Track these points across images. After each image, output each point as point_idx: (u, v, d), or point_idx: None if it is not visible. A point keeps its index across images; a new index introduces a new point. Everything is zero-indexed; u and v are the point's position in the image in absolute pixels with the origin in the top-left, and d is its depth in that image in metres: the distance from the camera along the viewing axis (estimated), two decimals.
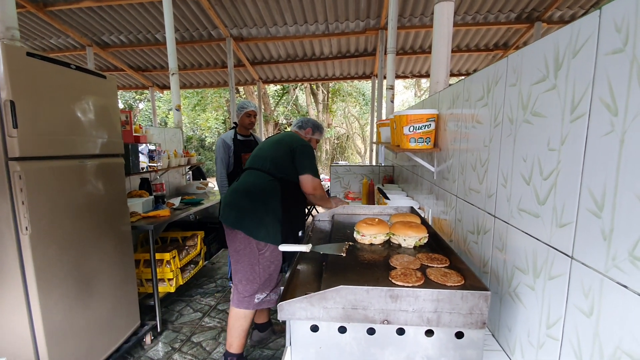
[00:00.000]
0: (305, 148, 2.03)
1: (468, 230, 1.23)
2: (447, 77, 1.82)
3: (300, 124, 2.37)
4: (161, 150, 3.34)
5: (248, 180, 2.01)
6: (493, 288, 1.01)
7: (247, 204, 1.92)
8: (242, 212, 1.92)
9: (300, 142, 2.05)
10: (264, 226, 1.89)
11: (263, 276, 1.95)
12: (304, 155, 1.99)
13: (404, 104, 15.90)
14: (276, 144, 2.08)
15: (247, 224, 1.90)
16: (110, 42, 6.15)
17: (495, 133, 1.00)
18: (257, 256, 1.92)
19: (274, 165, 2.00)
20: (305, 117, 2.41)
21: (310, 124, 2.36)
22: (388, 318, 0.81)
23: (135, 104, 15.83)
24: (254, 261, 1.92)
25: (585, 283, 0.62)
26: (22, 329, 1.62)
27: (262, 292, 1.98)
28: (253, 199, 1.92)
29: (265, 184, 1.97)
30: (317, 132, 2.37)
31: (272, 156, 2.03)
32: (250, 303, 1.98)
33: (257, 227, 1.89)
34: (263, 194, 1.94)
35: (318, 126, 2.39)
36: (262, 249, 1.92)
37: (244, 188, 1.99)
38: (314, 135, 2.37)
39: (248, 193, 1.96)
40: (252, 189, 1.97)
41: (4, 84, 1.47)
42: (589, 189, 0.61)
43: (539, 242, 0.77)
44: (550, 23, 5.26)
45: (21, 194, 1.54)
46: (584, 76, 0.63)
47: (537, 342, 0.77)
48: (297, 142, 2.04)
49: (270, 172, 1.99)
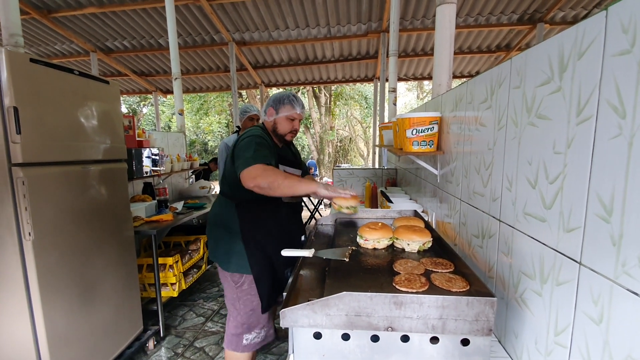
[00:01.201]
0: (241, 142, 1.56)
1: (472, 234, 1.21)
2: (449, 80, 1.81)
3: (263, 109, 1.79)
4: (164, 155, 3.35)
5: (212, 207, 1.81)
6: (499, 293, 0.99)
7: (215, 232, 1.73)
8: (213, 240, 1.75)
9: (240, 139, 1.61)
10: (234, 255, 1.65)
11: (245, 313, 1.68)
12: (238, 150, 1.54)
13: (407, 106, 15.89)
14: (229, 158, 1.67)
15: (220, 256, 1.69)
16: (114, 47, 6.21)
17: (499, 136, 0.99)
18: (235, 290, 1.67)
19: (227, 184, 1.71)
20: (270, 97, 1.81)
21: (270, 101, 1.73)
22: (392, 325, 0.80)
23: (139, 108, 15.94)
24: (233, 296, 1.68)
25: (594, 289, 0.61)
26: (24, 335, 1.62)
27: (249, 332, 1.70)
28: (218, 227, 1.71)
29: (222, 208, 1.72)
30: (280, 107, 1.70)
31: (225, 172, 1.73)
32: (239, 345, 1.70)
33: (227, 257, 1.66)
34: (223, 220, 1.70)
35: (280, 98, 1.70)
36: (238, 281, 1.66)
37: (210, 215, 1.80)
38: (279, 112, 1.70)
39: (211, 221, 1.77)
40: (212, 216, 1.77)
41: (7, 90, 1.48)
42: (597, 193, 0.60)
43: (545, 247, 0.75)
44: (552, 24, 5.25)
45: (24, 199, 1.54)
46: (590, 78, 0.62)
47: (545, 350, 0.76)
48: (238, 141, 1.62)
49: (225, 193, 1.73)
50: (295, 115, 1.71)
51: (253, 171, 1.40)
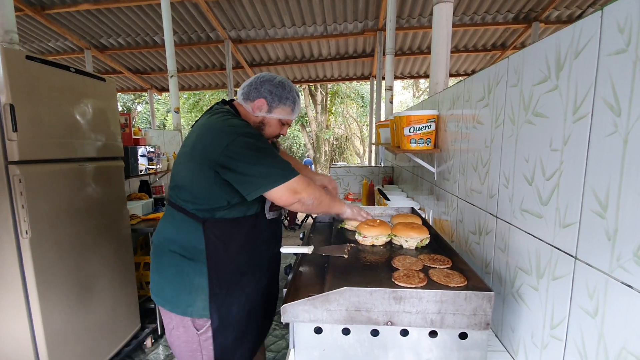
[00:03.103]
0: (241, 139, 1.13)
1: (470, 230, 1.23)
2: (446, 78, 1.83)
3: (246, 90, 1.31)
4: (160, 153, 3.33)
5: (161, 228, 1.32)
6: (496, 289, 1.01)
7: (169, 261, 1.25)
8: (163, 274, 1.27)
9: (225, 133, 1.14)
10: (198, 294, 1.22)
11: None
12: (244, 156, 1.12)
13: (402, 104, 15.93)
14: (190, 153, 1.20)
15: (174, 295, 1.24)
16: (108, 44, 6.15)
17: (496, 134, 1.00)
18: (197, 338, 1.25)
19: (191, 196, 1.21)
20: (260, 75, 1.32)
21: (265, 90, 1.28)
22: (392, 319, 0.81)
23: (134, 106, 15.82)
24: (193, 346, 1.26)
25: (589, 283, 0.62)
26: (22, 333, 1.62)
27: None
28: (172, 256, 1.24)
29: (180, 231, 1.24)
30: (279, 106, 1.30)
31: (184, 177, 1.22)
32: None
33: (188, 297, 1.22)
34: (182, 246, 1.23)
35: (282, 95, 1.30)
36: (201, 327, 1.25)
37: (158, 240, 1.31)
38: (274, 111, 1.30)
39: (163, 248, 1.27)
40: (166, 241, 1.27)
41: (3, 87, 1.47)
42: (592, 190, 0.61)
43: (542, 242, 0.77)
44: (547, 23, 5.29)
45: (21, 197, 1.53)
46: (586, 77, 0.63)
47: (540, 343, 0.77)
48: (220, 137, 1.13)
49: (187, 208, 1.22)
50: (290, 121, 1.37)
51: (295, 185, 1.16)
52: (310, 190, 1.19)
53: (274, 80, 1.31)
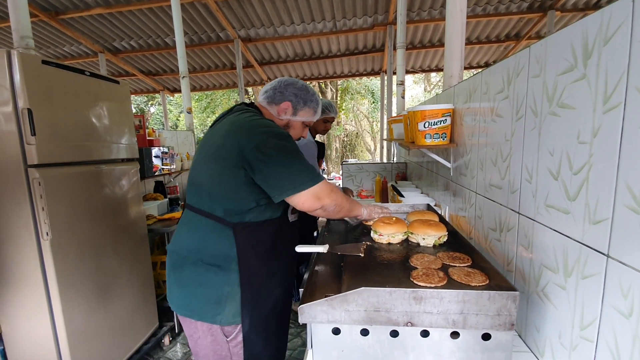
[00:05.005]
0: (272, 140, 1.11)
1: (489, 227, 1.19)
2: (461, 71, 1.78)
3: (271, 93, 1.31)
4: (174, 153, 3.37)
5: (183, 237, 1.25)
6: (519, 287, 0.97)
7: (190, 274, 1.21)
8: (186, 287, 1.22)
9: (258, 133, 1.12)
10: (228, 302, 1.20)
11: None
12: (275, 157, 1.10)
13: (414, 99, 15.74)
14: (216, 154, 1.17)
15: (200, 306, 1.21)
16: (121, 47, 6.24)
17: (517, 127, 0.96)
18: (227, 345, 1.24)
19: (218, 199, 1.17)
20: (282, 79, 1.33)
21: (290, 93, 1.30)
22: (412, 320, 0.79)
23: (147, 108, 16.07)
24: (222, 354, 1.24)
25: (623, 282, 0.59)
26: (44, 332, 1.66)
27: None
28: (196, 267, 1.20)
29: (208, 239, 1.20)
30: (304, 108, 1.33)
31: (210, 182, 1.17)
32: None
33: (216, 307, 1.19)
34: (210, 254, 1.19)
35: (307, 98, 1.32)
36: (231, 333, 1.23)
37: (178, 250, 1.25)
38: (298, 114, 1.32)
39: (186, 258, 1.22)
40: (190, 251, 1.21)
41: (20, 92, 1.50)
42: (626, 184, 0.58)
43: (569, 239, 0.73)
44: (564, 11, 5.12)
45: (41, 200, 1.56)
46: (617, 65, 0.60)
47: (569, 344, 0.74)
48: (252, 136, 1.11)
49: (215, 213, 1.18)
50: (312, 123, 1.41)
51: (319, 190, 1.14)
52: (333, 196, 1.18)
53: (297, 83, 1.33)
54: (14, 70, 1.48)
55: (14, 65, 1.47)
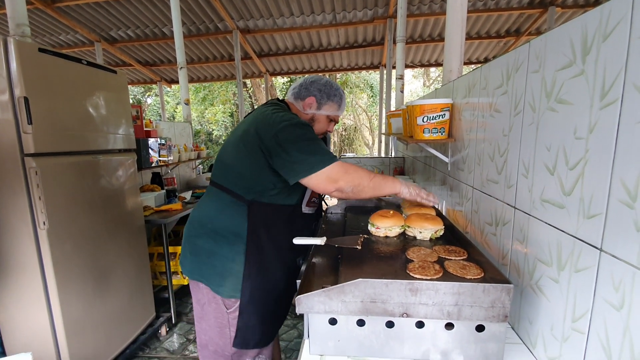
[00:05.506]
0: (290, 129, 1.19)
1: (485, 221, 1.21)
2: (460, 65, 1.78)
3: (297, 90, 1.43)
4: (171, 145, 3.36)
5: (203, 206, 1.38)
6: (513, 280, 0.99)
7: (204, 243, 1.32)
8: (198, 256, 1.34)
9: (277, 122, 1.21)
10: (230, 276, 1.29)
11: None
12: (291, 143, 1.17)
13: (413, 94, 15.70)
14: (242, 138, 1.29)
15: (208, 274, 1.32)
16: (118, 37, 6.17)
17: (515, 122, 0.97)
18: (227, 316, 1.32)
19: (239, 178, 1.29)
20: (309, 77, 1.44)
21: (315, 89, 1.41)
22: (407, 311, 0.81)
23: (144, 99, 15.94)
24: (222, 322, 1.33)
25: (615, 276, 0.60)
26: (42, 322, 1.66)
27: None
28: (209, 237, 1.31)
29: (224, 212, 1.31)
30: (328, 103, 1.42)
31: (234, 162, 1.29)
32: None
33: (220, 278, 1.30)
34: (222, 226, 1.30)
35: (330, 93, 1.42)
36: (231, 307, 1.32)
37: (197, 219, 1.37)
38: (323, 108, 1.42)
39: (202, 227, 1.34)
40: (206, 220, 1.33)
41: (17, 80, 1.48)
42: (620, 179, 0.59)
43: (564, 233, 0.74)
44: (564, 7, 5.10)
45: (38, 189, 1.56)
46: (615, 61, 0.60)
47: (561, 336, 0.76)
48: (272, 125, 1.21)
49: (234, 189, 1.29)
50: (337, 117, 1.48)
51: (333, 172, 1.16)
52: (349, 178, 1.18)
53: (322, 80, 1.45)
54: (11, 58, 1.46)
55: (10, 53, 1.46)
